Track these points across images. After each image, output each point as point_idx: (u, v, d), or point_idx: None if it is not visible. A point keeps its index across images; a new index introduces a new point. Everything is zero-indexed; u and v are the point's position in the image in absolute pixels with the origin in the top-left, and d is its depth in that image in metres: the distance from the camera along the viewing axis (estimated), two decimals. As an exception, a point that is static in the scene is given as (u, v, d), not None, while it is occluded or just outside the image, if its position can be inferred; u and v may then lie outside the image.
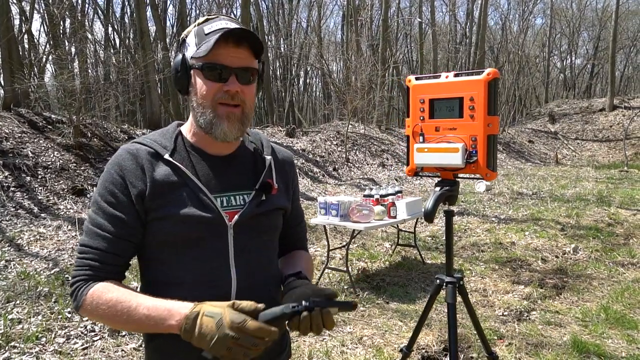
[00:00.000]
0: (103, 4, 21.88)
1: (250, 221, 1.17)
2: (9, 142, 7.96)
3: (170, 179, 1.12)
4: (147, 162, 1.13)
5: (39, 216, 6.63)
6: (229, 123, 1.11)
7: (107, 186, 1.11)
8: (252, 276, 1.16)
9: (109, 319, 1.07)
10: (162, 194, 1.10)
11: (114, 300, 1.05)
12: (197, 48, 1.11)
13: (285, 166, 1.32)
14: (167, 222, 1.10)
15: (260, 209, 1.18)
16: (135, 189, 1.10)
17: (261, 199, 1.19)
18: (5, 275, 4.67)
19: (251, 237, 1.18)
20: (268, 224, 1.22)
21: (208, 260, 1.12)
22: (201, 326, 0.95)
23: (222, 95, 1.10)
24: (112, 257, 1.10)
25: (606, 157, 20.50)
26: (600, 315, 3.93)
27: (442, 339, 3.47)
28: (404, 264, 5.37)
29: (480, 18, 23.53)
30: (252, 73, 1.14)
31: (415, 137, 1.82)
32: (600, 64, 35.33)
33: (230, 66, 1.10)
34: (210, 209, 1.12)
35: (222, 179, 1.17)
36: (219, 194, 1.15)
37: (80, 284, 1.09)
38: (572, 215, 7.71)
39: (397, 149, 15.34)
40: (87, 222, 1.13)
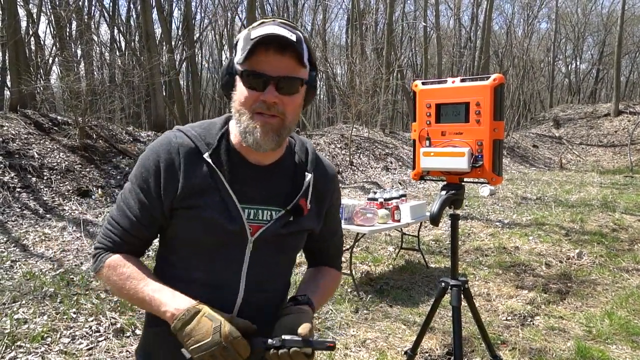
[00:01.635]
0: (109, 7, 22.05)
1: (272, 239, 1.14)
2: (15, 143, 8.01)
3: (204, 182, 1.10)
4: (185, 159, 1.10)
5: (44, 217, 6.67)
6: (263, 134, 1.06)
7: (143, 172, 1.12)
8: (259, 292, 1.16)
9: (118, 290, 1.13)
10: (193, 196, 1.09)
11: (125, 275, 1.10)
12: (242, 53, 1.07)
13: (326, 183, 1.26)
14: (191, 224, 1.10)
15: (285, 230, 1.15)
16: (167, 185, 1.09)
17: (289, 219, 1.15)
18: (11, 276, 4.70)
19: (269, 254, 1.15)
20: (289, 244, 1.20)
21: (221, 267, 1.12)
22: (198, 324, 0.99)
23: (259, 105, 1.05)
24: (133, 239, 1.14)
25: (611, 162, 20.43)
26: (604, 320, 3.92)
27: (445, 343, 3.47)
28: (407, 267, 5.37)
29: (485, 22, 23.55)
30: (296, 83, 1.07)
31: (421, 141, 1.84)
32: (605, 69, 35.25)
33: (269, 75, 1.04)
34: (236, 220, 1.10)
35: (254, 190, 1.13)
36: (247, 205, 1.12)
37: (101, 252, 1.15)
38: (576, 220, 7.69)
39: (401, 153, 15.35)
40: (121, 196, 1.16)
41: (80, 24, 14.74)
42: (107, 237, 1.15)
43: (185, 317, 1.00)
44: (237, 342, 0.99)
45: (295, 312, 1.12)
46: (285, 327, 1.08)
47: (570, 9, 36.74)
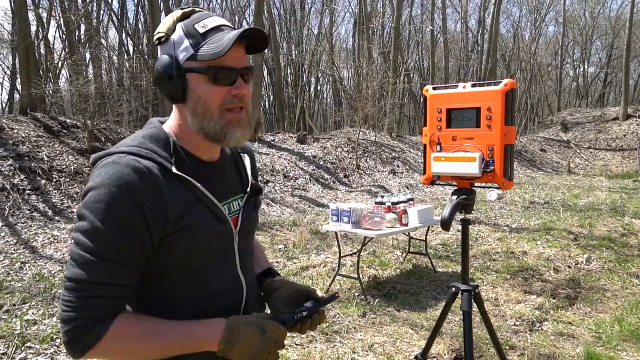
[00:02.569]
0: (118, 11, 22.22)
1: (247, 225, 1.18)
2: (25, 146, 8.09)
3: (185, 197, 1.02)
4: (159, 181, 0.99)
5: (53, 219, 6.72)
6: (241, 129, 1.06)
7: (115, 211, 0.94)
8: (252, 278, 1.20)
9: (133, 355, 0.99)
10: (182, 216, 1.01)
11: (142, 334, 0.98)
12: (196, 50, 1.00)
13: (253, 159, 1.31)
14: (188, 242, 1.02)
15: (254, 212, 1.21)
16: (154, 213, 0.97)
17: (252, 200, 1.21)
18: (20, 277, 4.74)
19: (246, 240, 1.18)
20: (256, 224, 1.25)
21: (223, 270, 1.11)
22: (244, 335, 1.01)
23: (230, 100, 1.03)
24: (123, 290, 0.99)
25: (620, 166, 20.27)
26: (614, 327, 3.89)
27: (453, 348, 3.45)
28: (415, 271, 5.36)
29: (492, 26, 23.50)
30: (251, 72, 1.09)
31: (432, 146, 1.84)
32: (613, 73, 35.03)
33: (237, 67, 1.03)
34: (223, 220, 1.09)
35: (221, 186, 1.12)
36: (222, 201, 1.11)
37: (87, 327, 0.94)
38: (584, 225, 7.63)
39: (408, 157, 15.32)
40: (80, 252, 0.94)
41: (89, 28, 14.87)
42: (84, 307, 0.94)
43: (229, 336, 1.00)
44: (280, 331, 1.04)
45: (281, 286, 1.20)
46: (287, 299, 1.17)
47: (577, 12, 36.61)
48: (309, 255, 5.97)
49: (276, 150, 12.59)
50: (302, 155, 12.73)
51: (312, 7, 29.05)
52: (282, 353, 3.34)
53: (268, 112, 27.33)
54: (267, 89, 26.48)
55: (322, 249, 6.22)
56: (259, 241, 1.43)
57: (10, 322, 3.67)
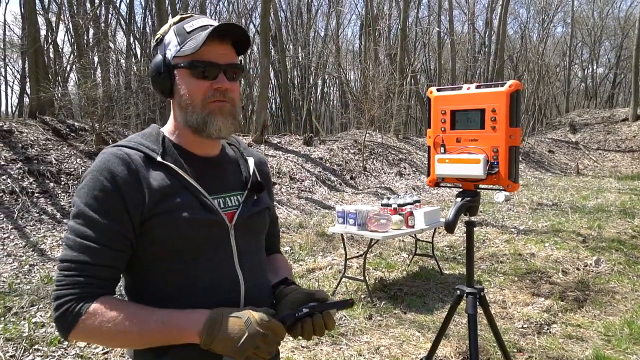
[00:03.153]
0: (125, 15, 22.39)
1: (247, 221, 1.17)
2: (33, 149, 8.16)
3: (167, 183, 1.06)
4: (140, 167, 1.05)
5: (62, 222, 6.77)
6: (222, 118, 1.09)
7: (95, 194, 1.01)
8: (255, 277, 1.17)
9: (114, 338, 1.00)
10: (162, 200, 1.04)
11: (121, 317, 0.98)
12: (181, 47, 1.08)
13: (263, 166, 1.33)
14: (171, 228, 1.04)
15: (255, 209, 1.20)
16: (131, 197, 1.02)
17: (254, 198, 1.21)
18: (29, 280, 4.78)
19: (249, 237, 1.18)
20: (260, 223, 1.24)
21: (217, 264, 1.10)
22: (227, 327, 0.96)
23: (212, 94, 1.08)
24: (104, 271, 1.02)
25: (629, 167, 20.07)
26: (623, 330, 3.84)
27: (459, 351, 3.43)
28: (421, 274, 5.33)
29: (500, 27, 23.40)
30: (239, 69, 1.13)
31: (436, 147, 1.83)
32: (622, 73, 34.74)
33: (219, 63, 1.08)
34: (213, 210, 1.09)
35: (214, 181, 1.14)
36: (215, 195, 1.13)
37: (71, 304, 0.98)
38: (593, 226, 7.56)
39: (415, 158, 15.28)
40: (70, 235, 1.01)
41: (97, 31, 14.99)
42: (69, 285, 0.99)
43: (211, 328, 0.97)
44: (272, 324, 0.98)
45: (292, 291, 1.17)
46: (294, 302, 1.11)
47: (586, 13, 36.37)
48: (315, 257, 5.97)
49: (282, 153, 12.61)
50: (308, 157, 12.74)
51: (318, 10, 29.20)
52: (288, 356, 3.34)
53: (275, 114, 27.37)
54: (273, 91, 26.54)
55: (329, 251, 6.21)
56: (285, 258, 1.44)
57: (19, 325, 3.69)
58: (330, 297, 1.09)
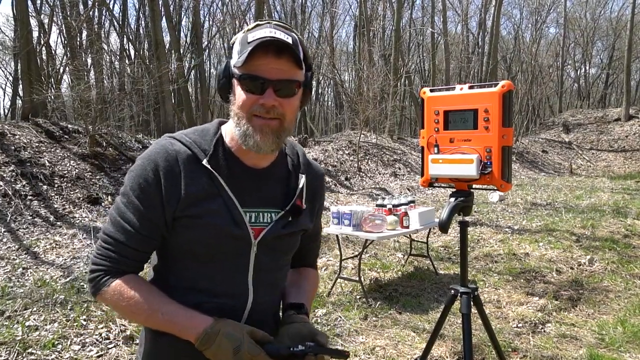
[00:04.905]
0: (119, 16, 22.30)
1: (274, 240, 1.16)
2: (26, 152, 8.11)
3: (205, 188, 1.09)
4: (185, 166, 1.09)
5: (55, 224, 6.73)
6: (262, 136, 1.07)
7: (140, 182, 1.08)
8: (266, 294, 1.18)
9: (127, 314, 1.12)
10: (196, 203, 1.08)
11: (135, 299, 1.07)
12: (239, 56, 1.07)
13: (316, 183, 1.28)
14: (195, 231, 1.09)
15: (285, 230, 1.17)
16: (169, 193, 1.08)
17: (288, 220, 1.18)
18: (22, 283, 4.75)
19: (271, 256, 1.17)
20: (289, 245, 1.22)
21: (229, 273, 1.13)
22: (219, 346, 1.02)
23: (257, 108, 1.06)
24: (134, 253, 1.11)
25: (622, 167, 20.22)
26: (617, 328, 3.87)
27: (455, 351, 3.44)
28: (416, 274, 5.34)
29: (493, 28, 23.52)
30: (293, 85, 1.08)
31: (429, 148, 1.84)
32: (615, 74, 34.99)
33: (268, 78, 1.05)
34: (241, 225, 1.11)
35: (254, 194, 1.14)
36: (249, 208, 1.13)
37: (100, 274, 1.10)
38: (587, 226, 7.61)
39: (410, 159, 15.32)
40: (114, 212, 1.11)
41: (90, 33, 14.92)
42: (103, 257, 1.10)
43: (204, 339, 1.03)
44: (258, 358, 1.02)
45: (299, 322, 1.16)
46: (295, 334, 1.11)
47: (579, 14, 36.60)
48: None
49: (277, 154, 12.59)
50: (303, 158, 12.72)
51: (312, 11, 29.17)
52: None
53: (269, 116, 27.32)
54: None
55: (324, 252, 6.21)
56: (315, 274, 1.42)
57: (12, 329, 3.67)
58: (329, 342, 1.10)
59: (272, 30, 1.07)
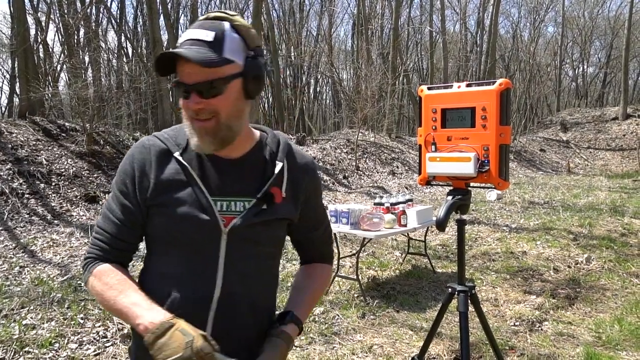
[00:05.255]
0: (116, 14, 22.24)
1: (247, 229, 1.14)
2: (24, 150, 8.09)
3: (175, 178, 1.13)
4: (156, 158, 1.15)
5: (52, 223, 6.71)
6: (199, 138, 1.09)
7: (121, 175, 1.17)
8: (238, 285, 1.15)
9: (100, 301, 1.16)
10: (165, 192, 1.12)
11: (108, 285, 1.12)
12: None
13: (300, 172, 1.24)
14: (165, 219, 1.13)
15: (258, 218, 1.15)
16: (141, 183, 1.14)
17: (261, 207, 1.16)
18: (19, 281, 4.73)
19: (245, 245, 1.15)
20: (266, 234, 1.18)
21: (199, 261, 1.13)
22: (170, 338, 0.98)
23: (190, 112, 1.08)
24: (119, 242, 1.17)
25: (619, 166, 20.27)
26: (614, 326, 3.88)
27: (452, 349, 3.44)
28: (414, 272, 5.35)
29: (491, 26, 23.54)
30: (217, 84, 1.06)
31: (427, 146, 1.83)
32: (612, 73, 35.06)
33: (187, 83, 1.06)
34: (208, 211, 1.11)
35: (225, 183, 1.15)
36: (219, 197, 1.13)
37: (89, 261, 1.18)
38: (584, 224, 7.62)
39: (408, 157, 15.32)
40: (104, 205, 1.21)
41: (88, 31, 14.88)
42: (94, 246, 1.18)
43: (158, 331, 0.99)
44: (209, 357, 0.98)
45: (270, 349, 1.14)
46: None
47: (576, 13, 36.63)
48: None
49: (275, 152, 12.59)
50: (301, 157, 12.73)
51: (310, 9, 29.16)
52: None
53: (267, 114, 27.32)
54: (266, 90, 26.45)
55: (322, 250, 6.21)
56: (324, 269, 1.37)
57: (9, 327, 3.65)
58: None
59: (194, 30, 1.07)
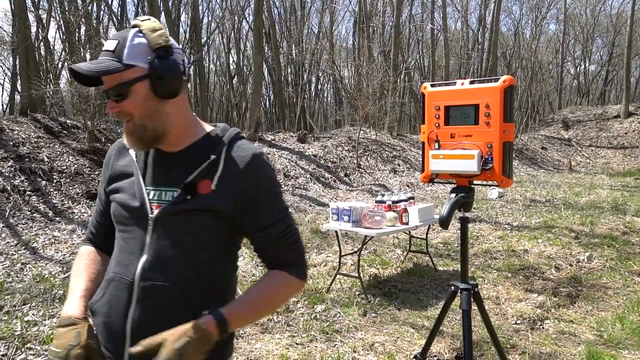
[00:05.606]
0: (117, 11, 22.19)
1: (170, 218, 1.17)
2: (25, 147, 8.08)
3: (124, 170, 1.28)
4: (116, 152, 1.33)
5: (54, 220, 6.71)
6: (126, 138, 1.20)
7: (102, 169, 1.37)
8: (161, 273, 1.16)
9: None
10: (115, 181, 1.28)
11: (73, 269, 1.34)
12: None
13: (240, 166, 1.20)
14: (114, 205, 1.27)
15: (179, 207, 1.17)
16: (105, 174, 1.33)
17: (185, 197, 1.17)
18: (21, 278, 4.74)
19: (169, 234, 1.18)
20: (189, 224, 1.18)
21: (129, 247, 1.22)
22: (64, 333, 1.13)
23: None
24: (100, 227, 1.37)
25: (621, 164, 20.23)
26: (616, 325, 3.87)
27: (454, 347, 3.44)
28: (415, 270, 5.35)
29: (493, 24, 23.46)
30: (122, 88, 1.14)
31: (430, 143, 1.83)
32: (614, 70, 34.96)
33: (104, 89, 1.18)
34: (140, 199, 1.20)
35: (161, 174, 1.22)
36: (153, 187, 1.22)
37: (81, 242, 1.44)
38: (586, 223, 7.61)
39: (409, 155, 15.30)
40: None
41: (89, 28, 14.85)
42: (87, 230, 1.42)
43: (62, 322, 1.16)
44: (90, 345, 1.13)
45: (168, 331, 1.10)
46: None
47: (578, 10, 36.51)
48: (310, 254, 5.96)
49: (277, 150, 12.58)
50: (302, 154, 12.72)
51: (312, 6, 29.05)
52: (283, 353, 3.34)
53: (268, 112, 27.30)
54: (267, 88, 26.46)
55: (323, 248, 6.20)
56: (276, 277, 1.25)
57: (11, 324, 3.66)
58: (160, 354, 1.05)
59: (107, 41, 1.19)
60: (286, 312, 4.15)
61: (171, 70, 1.15)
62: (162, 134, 1.19)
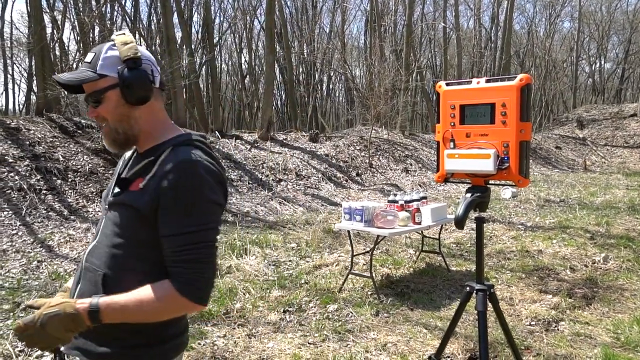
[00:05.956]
0: (131, 12, 22.40)
1: (110, 210, 1.31)
2: (41, 147, 8.20)
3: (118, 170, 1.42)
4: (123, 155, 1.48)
5: (69, 218, 6.80)
6: (104, 138, 1.33)
7: None
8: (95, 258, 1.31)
9: None
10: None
11: None
12: None
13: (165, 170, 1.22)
14: None
15: (113, 200, 1.31)
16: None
17: (120, 192, 1.30)
18: (37, 276, 4.80)
19: (108, 225, 1.32)
20: (119, 218, 1.28)
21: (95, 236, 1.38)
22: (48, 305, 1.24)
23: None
24: None
25: (638, 164, 19.90)
26: (633, 327, 3.80)
27: (467, 348, 3.41)
28: (428, 270, 5.31)
29: (506, 22, 23.24)
30: (96, 96, 1.28)
31: (445, 143, 1.81)
32: (631, 68, 34.42)
33: (85, 96, 1.31)
34: (109, 191, 1.36)
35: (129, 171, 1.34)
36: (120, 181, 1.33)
37: None
38: (601, 223, 7.50)
39: (421, 155, 15.22)
40: None
41: (103, 29, 15.01)
42: None
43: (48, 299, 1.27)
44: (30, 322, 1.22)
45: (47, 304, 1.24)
46: None
47: (594, 7, 35.95)
48: (322, 254, 5.96)
49: (288, 149, 12.60)
50: (314, 153, 12.72)
51: (323, 6, 29.00)
52: (295, 352, 3.34)
53: (280, 111, 27.37)
54: (279, 87, 26.52)
55: (335, 247, 6.20)
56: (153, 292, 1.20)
57: (27, 320, 3.71)
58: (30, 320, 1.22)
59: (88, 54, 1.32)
60: (298, 311, 4.15)
61: (139, 80, 1.27)
62: (132, 137, 1.33)
